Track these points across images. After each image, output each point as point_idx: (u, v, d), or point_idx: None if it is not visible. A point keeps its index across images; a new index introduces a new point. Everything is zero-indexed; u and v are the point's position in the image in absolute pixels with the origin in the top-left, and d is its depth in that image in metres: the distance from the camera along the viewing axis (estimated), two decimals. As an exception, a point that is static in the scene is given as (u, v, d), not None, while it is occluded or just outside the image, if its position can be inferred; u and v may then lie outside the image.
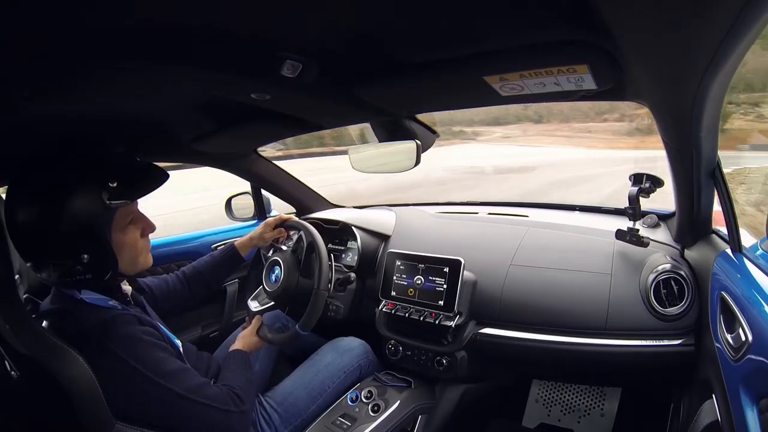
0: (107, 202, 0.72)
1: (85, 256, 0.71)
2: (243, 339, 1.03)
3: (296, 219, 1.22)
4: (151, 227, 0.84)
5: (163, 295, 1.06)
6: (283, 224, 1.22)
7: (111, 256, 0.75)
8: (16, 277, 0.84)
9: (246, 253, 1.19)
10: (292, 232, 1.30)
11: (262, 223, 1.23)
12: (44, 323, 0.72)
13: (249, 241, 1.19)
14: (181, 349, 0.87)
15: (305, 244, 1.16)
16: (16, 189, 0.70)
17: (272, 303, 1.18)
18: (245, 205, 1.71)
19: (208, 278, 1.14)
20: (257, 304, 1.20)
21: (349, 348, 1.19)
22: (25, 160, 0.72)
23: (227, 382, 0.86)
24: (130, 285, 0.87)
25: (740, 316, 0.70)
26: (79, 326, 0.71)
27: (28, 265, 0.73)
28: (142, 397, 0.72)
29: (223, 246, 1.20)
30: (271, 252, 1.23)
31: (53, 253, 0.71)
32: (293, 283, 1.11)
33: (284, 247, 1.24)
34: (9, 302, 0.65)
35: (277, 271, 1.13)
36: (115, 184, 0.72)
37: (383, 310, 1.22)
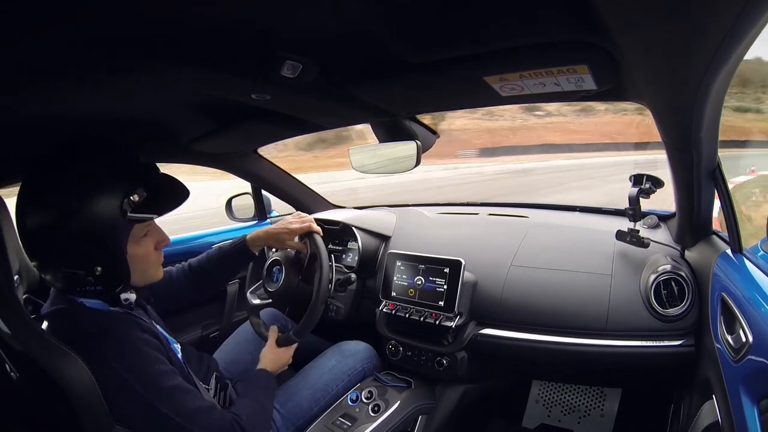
0: (129, 215, 0.69)
1: (99, 268, 0.69)
2: (266, 357, 0.99)
3: (319, 240, 1.08)
4: (166, 240, 0.80)
5: (163, 287, 1.00)
6: (308, 236, 1.09)
7: (125, 269, 0.73)
8: (16, 277, 0.84)
9: (257, 250, 1.10)
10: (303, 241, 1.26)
11: (285, 226, 1.08)
12: (44, 325, 0.72)
13: (263, 238, 1.08)
14: (179, 354, 0.84)
15: (309, 253, 1.12)
16: (32, 191, 0.67)
17: (270, 300, 1.17)
18: (245, 205, 1.71)
19: (216, 273, 1.09)
20: (258, 300, 1.19)
21: (354, 351, 1.19)
22: (40, 161, 0.69)
23: (236, 409, 0.81)
24: (135, 293, 0.83)
25: (740, 317, 0.70)
26: (76, 329, 0.69)
27: (33, 264, 0.72)
28: (132, 410, 0.67)
29: (231, 240, 1.11)
30: (273, 251, 1.21)
31: (66, 262, 0.68)
32: (293, 285, 1.11)
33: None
34: (8, 303, 0.65)
35: (277, 272, 1.13)
36: (137, 198, 0.69)
37: (383, 310, 1.22)
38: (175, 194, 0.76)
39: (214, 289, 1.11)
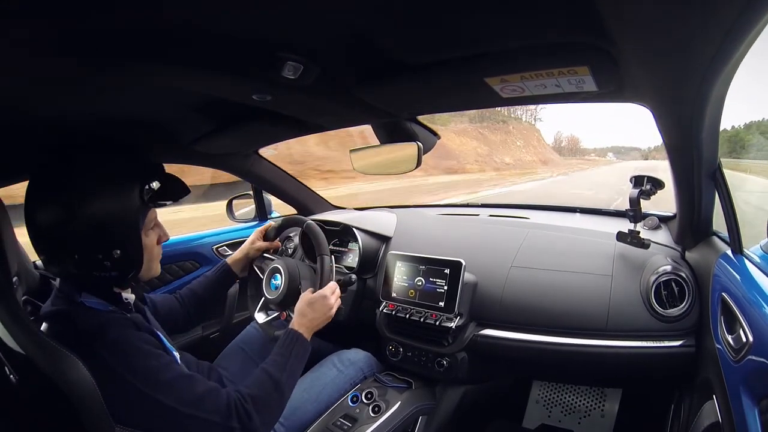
0: (146, 201, 0.74)
1: (117, 251, 0.71)
2: (309, 309, 0.94)
3: (281, 219, 1.22)
4: (166, 236, 0.84)
5: (164, 310, 1.04)
6: (274, 230, 1.21)
7: (140, 253, 0.76)
8: (14, 279, 0.84)
9: (240, 269, 1.19)
10: (293, 234, 1.28)
11: (252, 234, 1.22)
12: (44, 326, 0.72)
13: (242, 256, 1.19)
14: (179, 361, 0.83)
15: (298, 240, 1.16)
16: (49, 181, 0.69)
17: (278, 313, 1.16)
18: (246, 206, 1.71)
19: (203, 297, 1.13)
20: (264, 315, 1.19)
21: (355, 360, 1.19)
22: (53, 154, 0.71)
23: (247, 385, 0.78)
24: (133, 293, 0.85)
25: (741, 317, 0.70)
26: (75, 329, 0.69)
27: (41, 258, 0.72)
28: (132, 407, 0.68)
29: (215, 267, 1.19)
30: (265, 263, 1.21)
31: (83, 247, 0.70)
32: (295, 285, 1.10)
33: (274, 257, 1.22)
34: (7, 305, 0.65)
35: (277, 279, 1.12)
36: (155, 185, 0.75)
37: (384, 311, 1.22)
38: (181, 188, 0.82)
39: (201, 312, 1.15)
